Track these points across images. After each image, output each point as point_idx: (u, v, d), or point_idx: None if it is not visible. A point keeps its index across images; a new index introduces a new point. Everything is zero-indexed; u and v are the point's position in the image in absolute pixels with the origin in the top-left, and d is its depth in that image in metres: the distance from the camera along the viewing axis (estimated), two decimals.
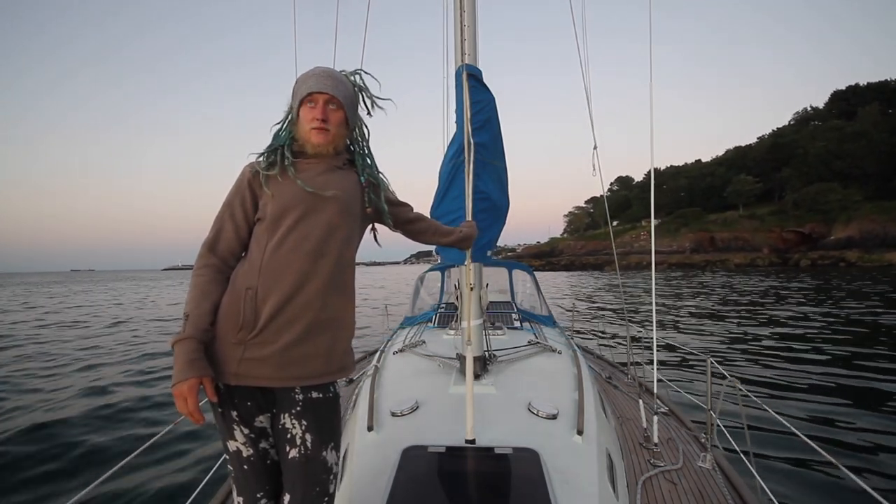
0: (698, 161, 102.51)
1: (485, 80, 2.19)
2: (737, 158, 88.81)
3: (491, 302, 4.05)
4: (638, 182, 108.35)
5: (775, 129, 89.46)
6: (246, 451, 1.21)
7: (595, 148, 2.89)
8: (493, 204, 2.19)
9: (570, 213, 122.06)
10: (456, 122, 2.21)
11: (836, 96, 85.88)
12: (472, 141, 2.06)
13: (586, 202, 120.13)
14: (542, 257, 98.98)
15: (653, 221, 2.16)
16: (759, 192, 76.94)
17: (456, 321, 3.13)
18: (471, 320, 2.00)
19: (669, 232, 78.64)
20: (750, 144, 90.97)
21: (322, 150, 1.32)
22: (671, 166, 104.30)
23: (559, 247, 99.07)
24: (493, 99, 2.20)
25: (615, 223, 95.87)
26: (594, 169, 2.87)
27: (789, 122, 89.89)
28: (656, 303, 18.68)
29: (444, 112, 4.49)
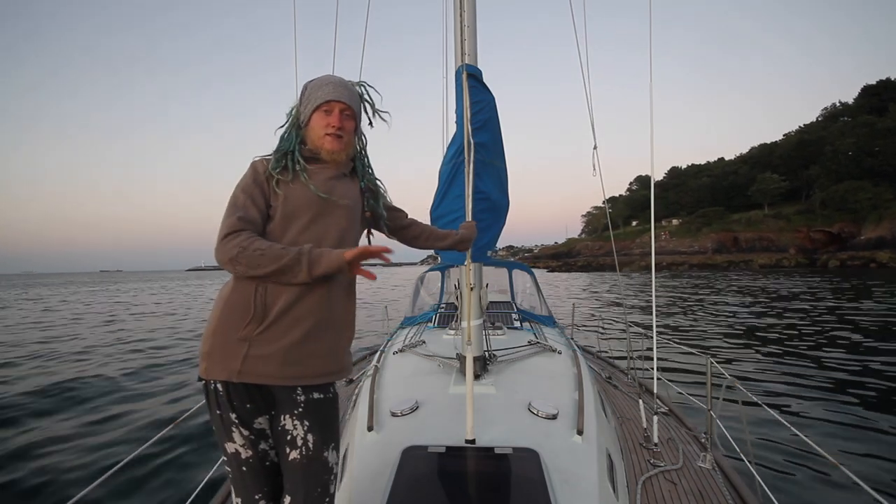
0: (721, 159, 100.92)
1: (486, 81, 2.22)
2: (762, 156, 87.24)
3: (491, 302, 4.11)
4: (659, 181, 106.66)
5: (802, 125, 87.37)
6: (245, 453, 1.23)
7: (595, 148, 2.89)
8: (493, 204, 2.23)
9: (588, 213, 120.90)
10: (456, 122, 2.25)
11: (867, 91, 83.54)
12: (472, 141, 2.09)
13: (604, 202, 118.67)
14: (559, 258, 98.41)
15: (653, 220, 2.17)
16: (786, 190, 75.43)
17: (456, 321, 3.18)
18: (471, 320, 2.05)
19: (690, 232, 77.47)
20: (776, 142, 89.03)
21: (336, 156, 1.38)
22: (692, 165, 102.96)
23: (576, 247, 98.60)
24: (493, 99, 2.25)
25: (634, 223, 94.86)
26: (594, 169, 2.87)
27: (817, 118, 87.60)
28: (663, 303, 18.59)
29: (444, 112, 4.54)
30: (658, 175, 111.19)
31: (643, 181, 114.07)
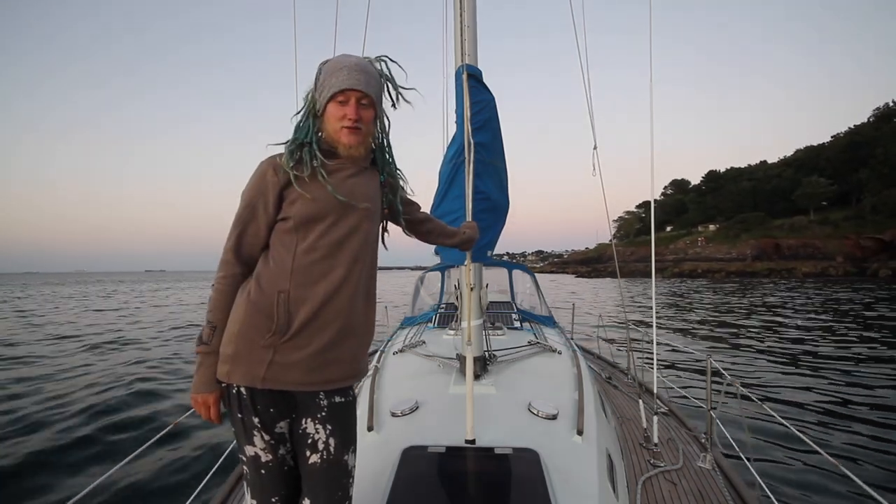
0: (763, 162, 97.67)
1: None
2: (808, 159, 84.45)
3: (491, 302, 4.12)
4: (695, 185, 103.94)
5: (852, 126, 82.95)
6: (265, 457, 1.21)
7: (595, 148, 2.86)
8: (494, 204, 2.24)
9: (619, 217, 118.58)
10: (456, 122, 2.26)
11: None
12: (472, 141, 2.10)
13: (637, 206, 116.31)
14: (588, 263, 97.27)
15: (653, 223, 2.12)
16: (833, 195, 72.25)
17: (456, 321, 3.20)
18: (471, 320, 2.06)
19: (729, 238, 74.95)
20: (823, 143, 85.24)
21: (354, 151, 1.29)
22: (732, 168, 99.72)
23: (607, 253, 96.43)
24: (493, 99, 2.27)
25: (669, 228, 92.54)
26: (594, 169, 2.83)
27: (869, 118, 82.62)
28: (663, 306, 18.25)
29: (444, 112, 4.57)
30: (695, 178, 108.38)
31: (679, 185, 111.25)
